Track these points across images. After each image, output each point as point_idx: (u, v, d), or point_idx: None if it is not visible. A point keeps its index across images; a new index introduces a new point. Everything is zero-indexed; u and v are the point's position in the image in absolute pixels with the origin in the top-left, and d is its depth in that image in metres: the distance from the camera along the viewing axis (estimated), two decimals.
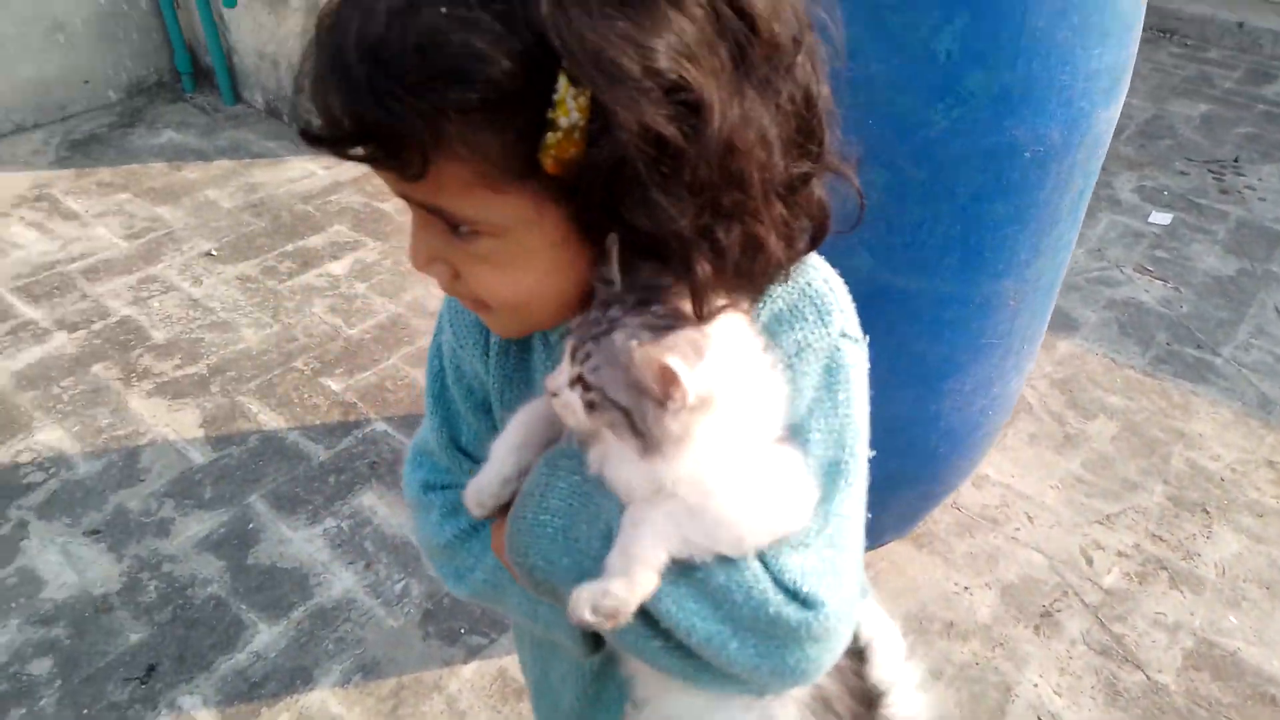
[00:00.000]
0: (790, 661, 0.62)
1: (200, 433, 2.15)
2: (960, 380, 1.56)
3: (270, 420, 2.19)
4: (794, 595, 0.60)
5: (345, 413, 2.23)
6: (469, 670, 1.68)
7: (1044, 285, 1.54)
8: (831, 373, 0.64)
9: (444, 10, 0.47)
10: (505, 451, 0.65)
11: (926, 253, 1.37)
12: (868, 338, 0.66)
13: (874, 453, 0.68)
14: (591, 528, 0.60)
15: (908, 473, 1.71)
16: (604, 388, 0.56)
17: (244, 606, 1.77)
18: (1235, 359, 2.52)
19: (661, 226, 0.53)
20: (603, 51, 0.47)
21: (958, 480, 1.92)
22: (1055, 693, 1.68)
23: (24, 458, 2.07)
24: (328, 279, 2.69)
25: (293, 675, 1.66)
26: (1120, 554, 1.95)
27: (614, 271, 0.56)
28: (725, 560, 0.60)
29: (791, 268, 0.62)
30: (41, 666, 1.66)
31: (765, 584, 0.59)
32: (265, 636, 1.72)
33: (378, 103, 0.49)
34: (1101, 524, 2.02)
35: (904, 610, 1.81)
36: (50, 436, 2.13)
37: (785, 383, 0.60)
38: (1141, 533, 2.00)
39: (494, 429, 0.73)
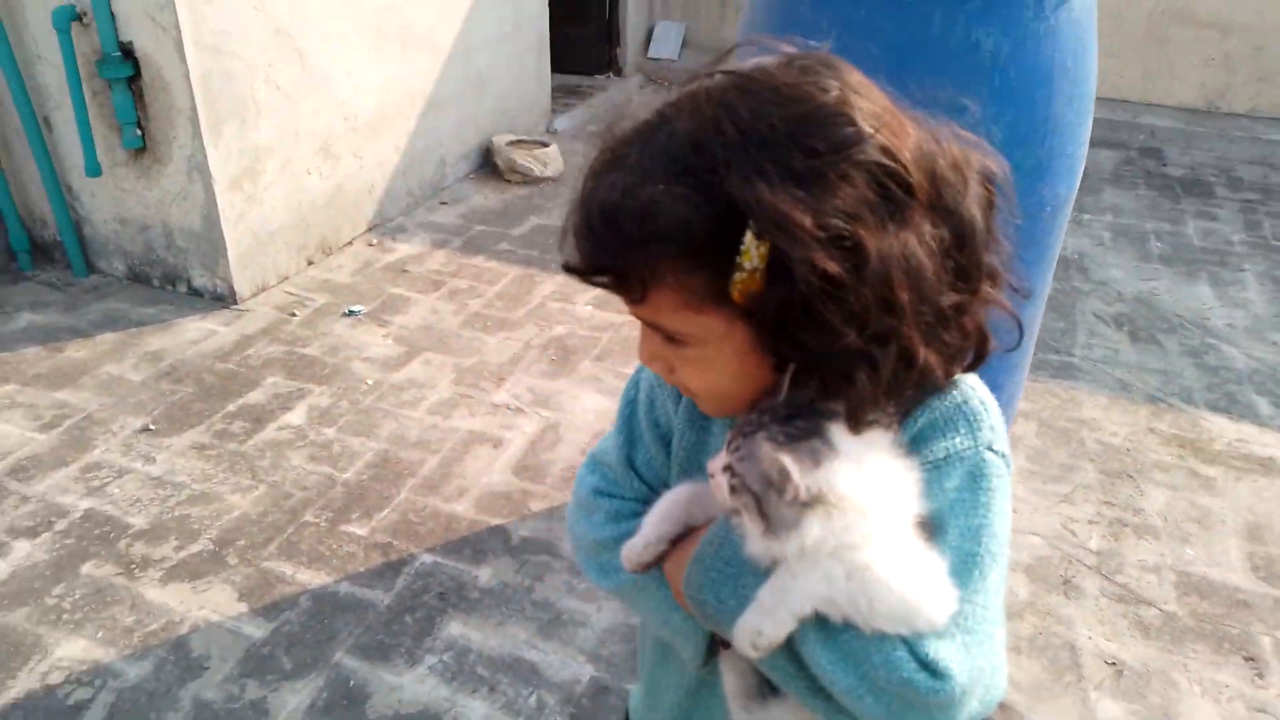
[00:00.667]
0: None
1: (243, 607, 2.03)
2: (998, 396, 1.90)
3: (311, 578, 2.11)
4: (924, 665, 0.67)
5: (385, 553, 2.20)
6: None
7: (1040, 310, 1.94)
8: (975, 479, 0.72)
9: (661, 187, 0.64)
10: (654, 525, 0.81)
11: None
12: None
13: None
14: (756, 579, 0.72)
15: None
16: (744, 475, 0.69)
17: None
18: (1087, 357, 3.12)
19: (826, 346, 0.66)
20: (781, 213, 0.62)
21: None
22: (1106, 639, 2.03)
23: (55, 678, 1.85)
24: (291, 430, 2.61)
25: None
26: (1090, 522, 2.37)
27: (783, 388, 0.70)
28: (860, 635, 0.68)
29: (948, 383, 0.73)
30: None
31: (901, 652, 0.67)
32: None
33: (612, 253, 0.68)
34: (1065, 502, 2.44)
35: None
36: (74, 649, 1.92)
37: (920, 483, 0.70)
38: (1095, 502, 2.44)
39: (668, 460, 0.87)
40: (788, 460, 0.66)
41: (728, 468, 0.71)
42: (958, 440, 0.73)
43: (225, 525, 2.26)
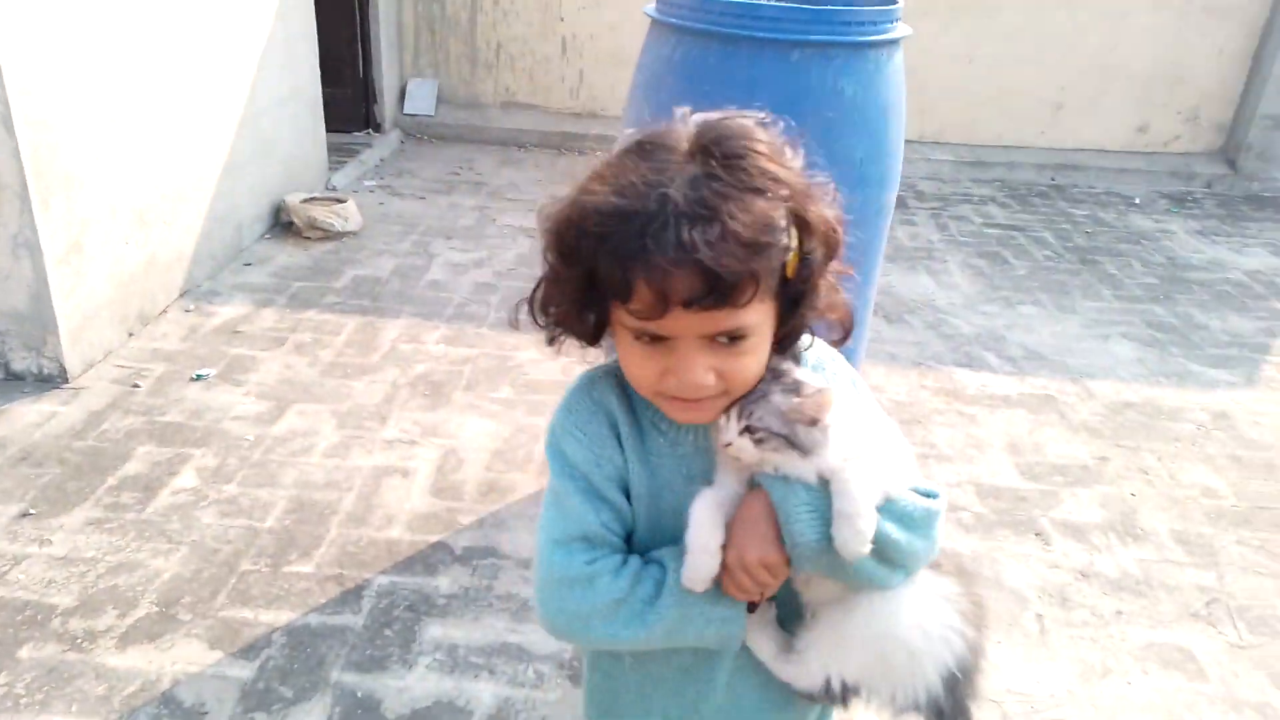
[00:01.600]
0: (935, 537, 0.97)
1: (218, 654, 2.08)
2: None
3: (276, 617, 2.19)
4: (926, 494, 0.96)
5: (340, 583, 2.31)
6: None
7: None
8: (855, 384, 1.06)
9: (761, 204, 0.84)
10: (705, 539, 0.92)
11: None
12: None
13: None
14: (828, 506, 0.91)
15: None
16: (768, 426, 0.89)
17: None
18: (858, 338, 3.82)
19: (812, 309, 0.93)
20: (813, 217, 0.88)
21: None
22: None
23: None
24: (189, 493, 2.61)
25: None
26: None
27: (799, 351, 1.00)
28: (894, 500, 0.92)
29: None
30: None
31: (917, 498, 0.95)
32: None
33: (745, 262, 0.82)
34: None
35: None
36: None
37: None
38: None
39: (630, 505, 0.99)
40: (813, 388, 0.91)
41: (745, 430, 0.89)
42: (837, 367, 1.05)
43: (162, 587, 2.26)
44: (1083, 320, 4.12)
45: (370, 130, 6.24)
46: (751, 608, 0.98)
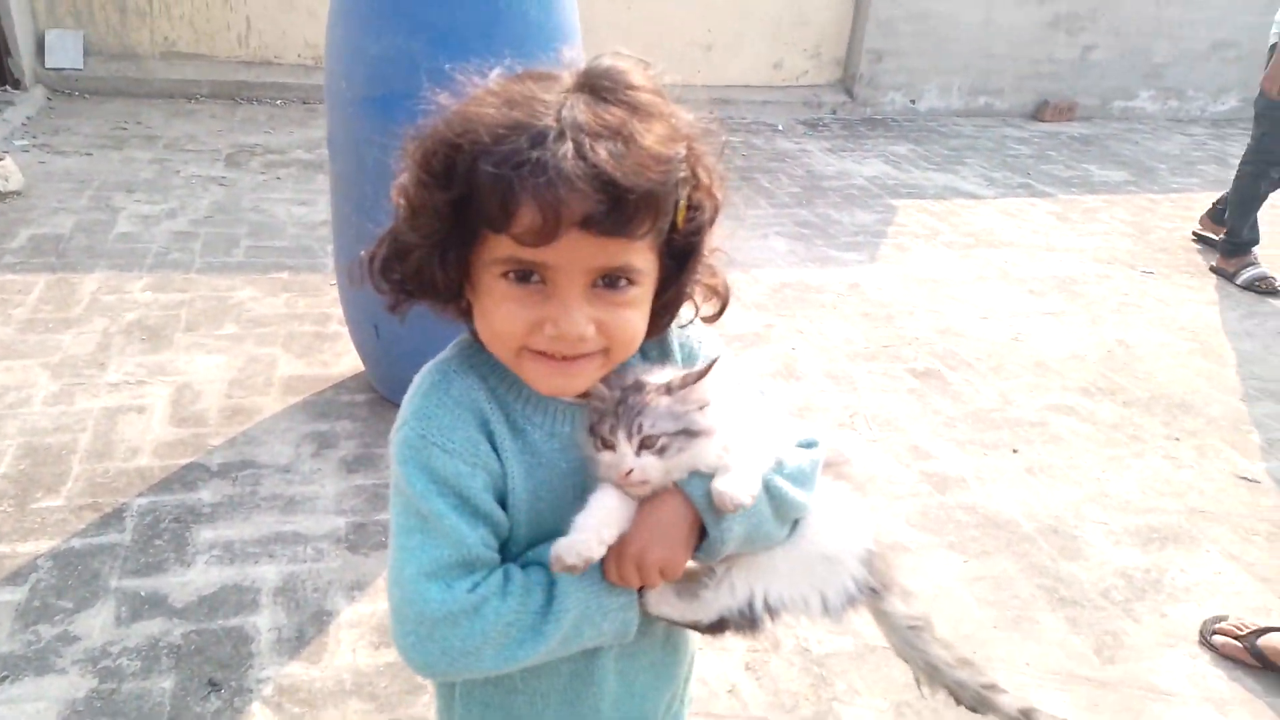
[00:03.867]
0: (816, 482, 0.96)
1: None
2: None
3: (36, 547, 2.19)
4: (807, 444, 0.97)
5: (96, 509, 2.34)
6: None
7: None
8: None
9: (680, 150, 0.80)
10: (599, 528, 0.85)
11: None
12: None
13: None
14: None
15: None
16: (663, 431, 0.85)
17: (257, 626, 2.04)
18: None
19: (697, 272, 0.88)
20: (706, 166, 0.85)
21: None
22: None
23: None
24: None
25: None
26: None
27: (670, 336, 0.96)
28: (784, 463, 0.91)
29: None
30: None
31: (803, 453, 0.95)
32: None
33: (650, 195, 0.76)
34: None
35: None
36: None
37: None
38: None
39: (505, 515, 0.89)
40: (689, 372, 0.88)
41: (643, 446, 0.85)
42: (713, 342, 1.01)
43: None
44: (746, 225, 4.83)
45: (7, 87, 5.64)
46: (640, 592, 0.93)
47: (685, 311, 0.93)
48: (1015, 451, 3.00)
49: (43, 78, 5.86)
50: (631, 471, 0.84)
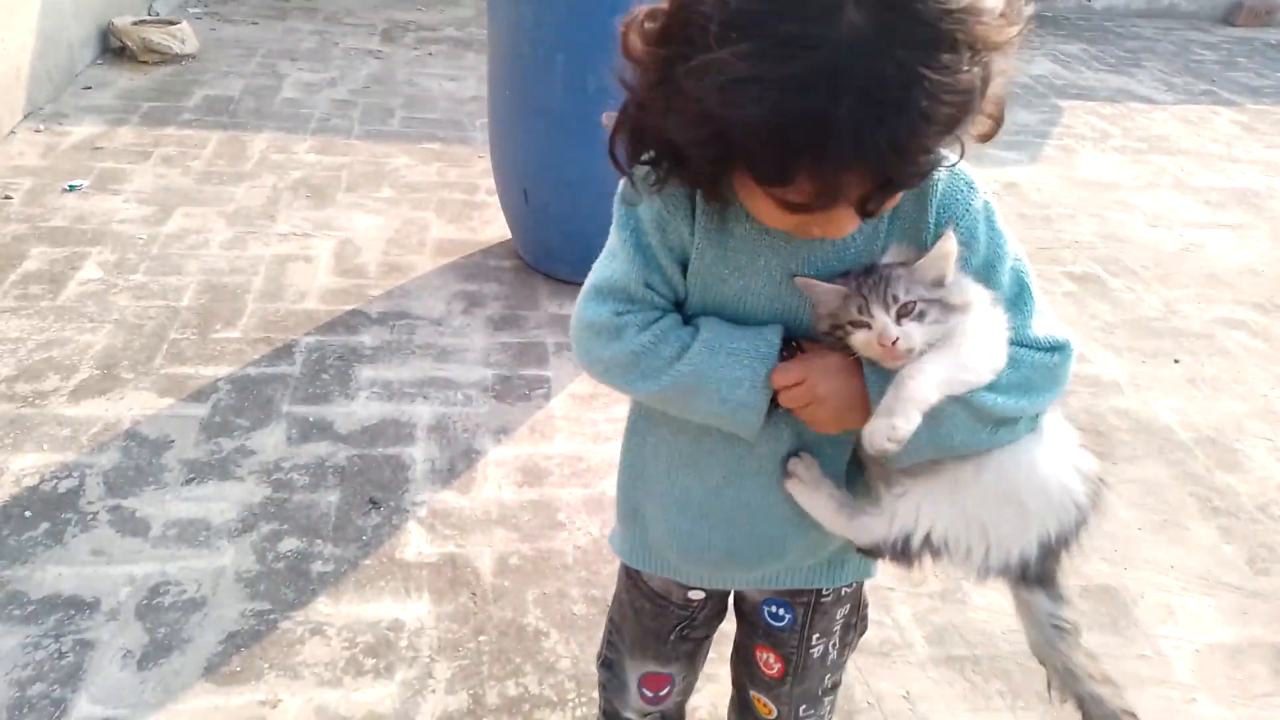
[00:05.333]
0: (1047, 396, 0.91)
1: (169, 400, 2.26)
2: None
3: (216, 371, 2.38)
4: (1051, 346, 0.90)
5: (269, 344, 2.52)
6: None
7: None
8: (990, 222, 0.93)
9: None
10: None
11: None
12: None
13: None
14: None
15: None
16: (920, 296, 0.82)
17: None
18: None
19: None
20: (993, 88, 0.74)
21: None
22: None
23: (29, 482, 1.98)
24: (97, 282, 2.70)
25: None
26: None
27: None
28: (970, 399, 0.86)
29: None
30: None
31: (1033, 353, 0.89)
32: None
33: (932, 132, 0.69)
34: None
35: None
36: (29, 461, 2.03)
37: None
38: None
39: (683, 278, 0.93)
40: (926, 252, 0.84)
41: (901, 314, 0.83)
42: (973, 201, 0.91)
43: (96, 356, 2.40)
44: None
45: None
46: (773, 405, 0.92)
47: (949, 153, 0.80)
48: (1176, 361, 2.84)
49: None
50: (897, 340, 0.82)
